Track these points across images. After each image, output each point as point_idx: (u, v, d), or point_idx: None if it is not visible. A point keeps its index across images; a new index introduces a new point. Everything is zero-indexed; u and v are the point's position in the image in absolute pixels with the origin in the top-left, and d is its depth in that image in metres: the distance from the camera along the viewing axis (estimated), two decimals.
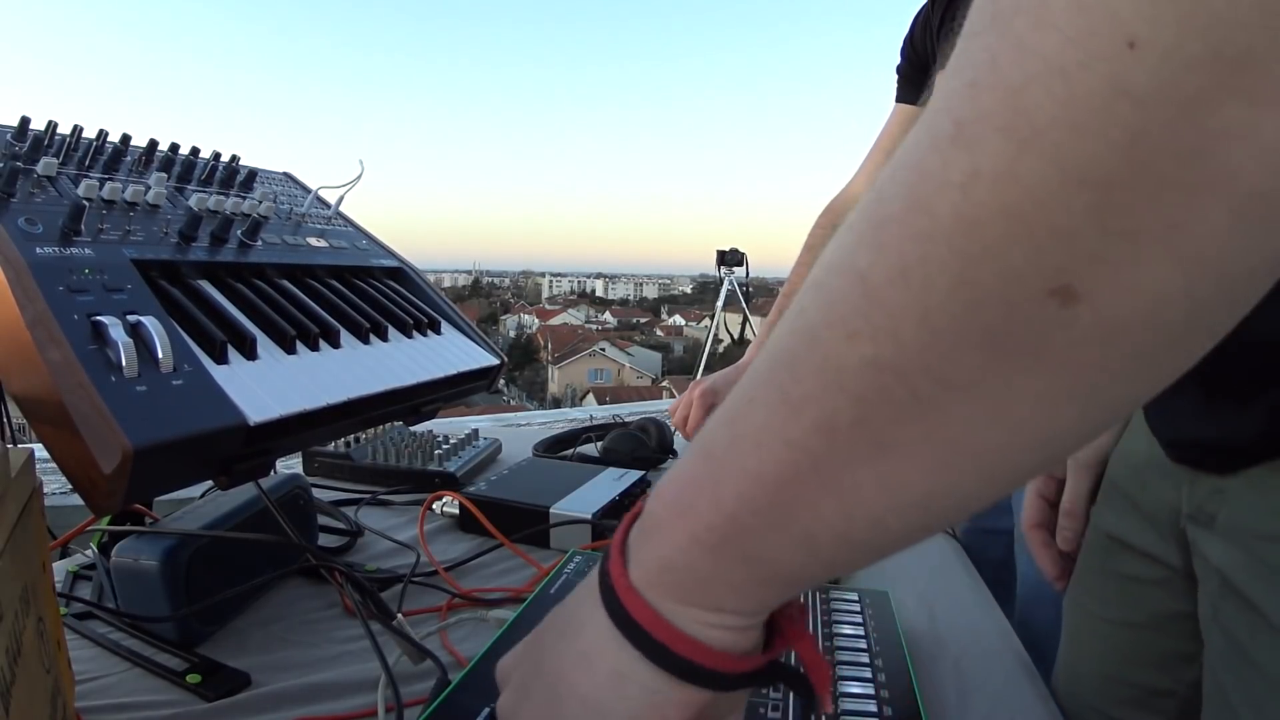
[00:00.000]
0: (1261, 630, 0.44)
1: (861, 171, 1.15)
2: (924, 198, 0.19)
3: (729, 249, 4.67)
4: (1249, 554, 0.46)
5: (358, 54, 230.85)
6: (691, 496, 0.25)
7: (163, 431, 0.37)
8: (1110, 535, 0.60)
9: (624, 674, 0.26)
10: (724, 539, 0.24)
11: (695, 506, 0.24)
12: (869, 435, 0.21)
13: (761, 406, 0.23)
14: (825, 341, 0.21)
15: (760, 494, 0.23)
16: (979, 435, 0.20)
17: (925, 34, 1.06)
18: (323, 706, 0.51)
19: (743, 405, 0.24)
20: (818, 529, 0.23)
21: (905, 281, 0.19)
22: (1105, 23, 0.16)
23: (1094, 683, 0.62)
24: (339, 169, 4.05)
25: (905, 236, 0.19)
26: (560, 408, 18.51)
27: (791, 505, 0.22)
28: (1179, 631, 0.55)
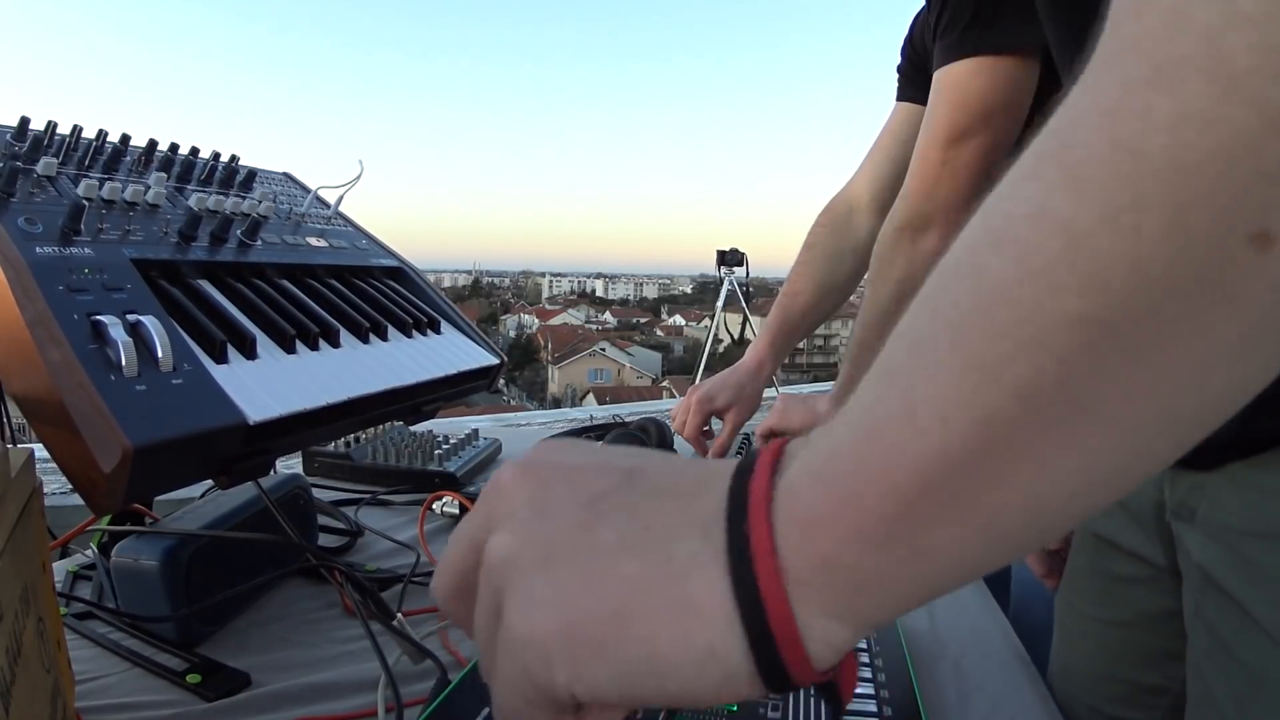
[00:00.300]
0: (1243, 625, 0.44)
1: (862, 171, 1.13)
2: (1129, 139, 0.18)
3: (729, 249, 4.68)
4: (1228, 549, 0.46)
5: (358, 54, 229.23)
6: (860, 485, 0.21)
7: (162, 431, 0.37)
8: (1098, 535, 0.60)
9: (718, 656, 0.22)
10: (894, 533, 0.21)
11: (864, 496, 0.21)
12: (1072, 397, 0.19)
13: (944, 373, 0.20)
14: (1024, 297, 0.19)
15: (943, 475, 0.20)
16: (1176, 389, 0.19)
17: (925, 33, 1.06)
18: (323, 706, 0.51)
19: (917, 373, 0.21)
20: (1003, 515, 0.20)
21: (1115, 227, 0.18)
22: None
23: (1086, 681, 0.62)
24: (339, 169, 4.05)
25: (1113, 181, 0.18)
26: (560, 408, 18.51)
27: (979, 489, 0.20)
28: (1168, 630, 0.55)
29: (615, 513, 0.24)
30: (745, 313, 4.77)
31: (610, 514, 0.24)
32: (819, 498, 0.22)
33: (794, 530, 0.22)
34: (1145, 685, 0.58)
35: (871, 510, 0.21)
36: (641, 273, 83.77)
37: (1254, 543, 0.44)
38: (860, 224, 1.11)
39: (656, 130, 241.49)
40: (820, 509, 0.22)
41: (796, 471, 0.23)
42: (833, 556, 0.22)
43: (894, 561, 0.21)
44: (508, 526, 0.25)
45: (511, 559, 0.24)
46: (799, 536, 0.22)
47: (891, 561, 0.21)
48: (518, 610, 0.23)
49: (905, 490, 0.21)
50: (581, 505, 0.24)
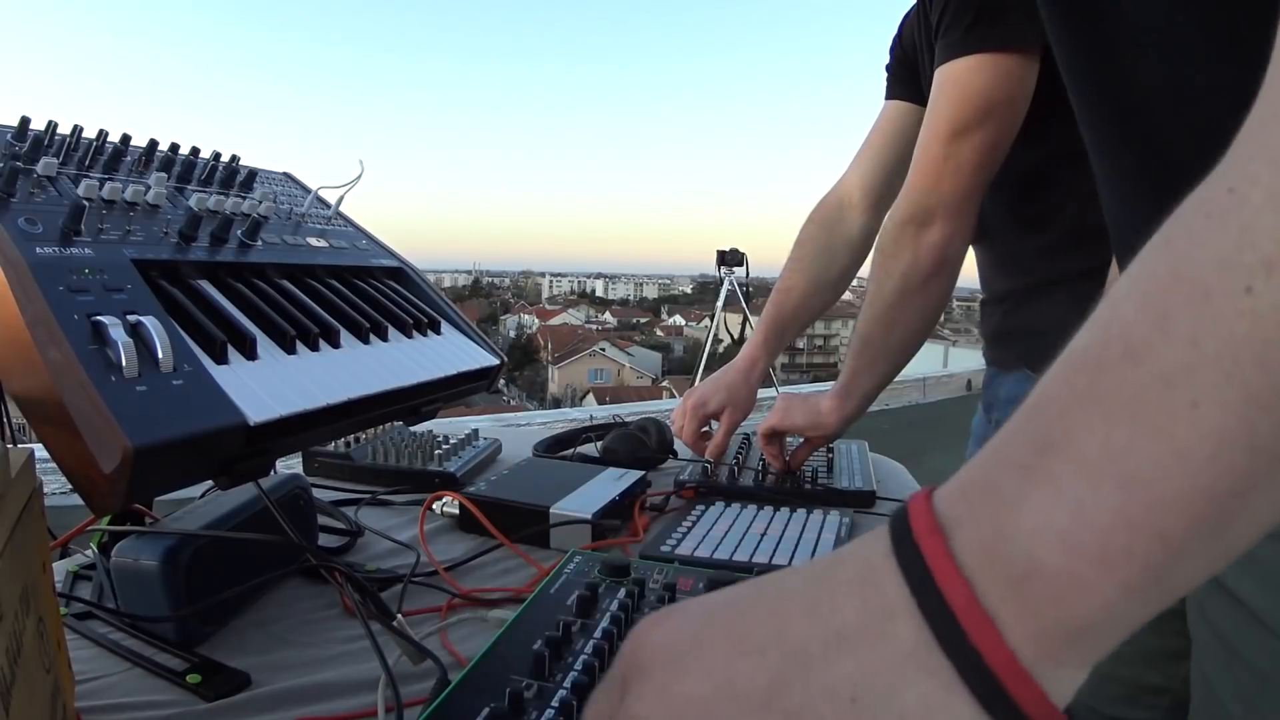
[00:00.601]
0: (1249, 626, 0.44)
1: (852, 168, 1.14)
2: None
3: (729, 249, 4.68)
4: None
5: (358, 54, 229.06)
6: (1126, 540, 0.20)
7: (163, 431, 0.37)
8: None
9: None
10: (1161, 579, 0.20)
11: (1134, 553, 0.20)
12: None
13: (1215, 408, 0.19)
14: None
15: (1211, 514, 0.19)
16: None
17: (915, 33, 1.05)
18: (323, 706, 0.51)
19: (1175, 410, 0.19)
20: (1239, 540, 0.20)
21: None
22: None
23: (1085, 681, 0.62)
24: (339, 169, 4.05)
25: None
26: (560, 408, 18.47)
27: (1231, 520, 0.20)
28: (1167, 630, 0.55)
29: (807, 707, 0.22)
30: (745, 313, 4.78)
31: (803, 703, 0.22)
32: (1079, 565, 0.20)
33: (1039, 614, 0.21)
34: (1146, 685, 0.58)
35: (1143, 564, 0.20)
36: (641, 273, 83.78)
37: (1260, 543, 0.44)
38: (852, 220, 1.12)
39: (657, 130, 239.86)
40: (1083, 578, 0.20)
41: (1019, 548, 0.21)
42: (1097, 620, 0.20)
43: (1145, 607, 0.21)
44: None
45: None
46: (1048, 617, 0.20)
47: (1143, 607, 0.21)
48: None
49: (1174, 538, 0.20)
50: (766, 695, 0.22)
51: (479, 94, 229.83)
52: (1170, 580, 0.20)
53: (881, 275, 0.88)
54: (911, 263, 0.84)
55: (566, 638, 0.48)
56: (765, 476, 0.97)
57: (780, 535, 0.75)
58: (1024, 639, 0.20)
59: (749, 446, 1.09)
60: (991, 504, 0.21)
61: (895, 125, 1.09)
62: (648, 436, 1.08)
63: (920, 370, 6.43)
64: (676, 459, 1.08)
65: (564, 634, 0.47)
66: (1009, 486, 0.21)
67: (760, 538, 0.74)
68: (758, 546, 0.72)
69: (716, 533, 0.76)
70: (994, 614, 0.21)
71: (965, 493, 0.22)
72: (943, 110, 0.81)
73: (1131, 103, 0.41)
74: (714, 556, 0.70)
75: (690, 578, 0.58)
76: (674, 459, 1.08)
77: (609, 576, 0.57)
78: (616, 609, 0.51)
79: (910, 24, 1.08)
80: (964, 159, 0.80)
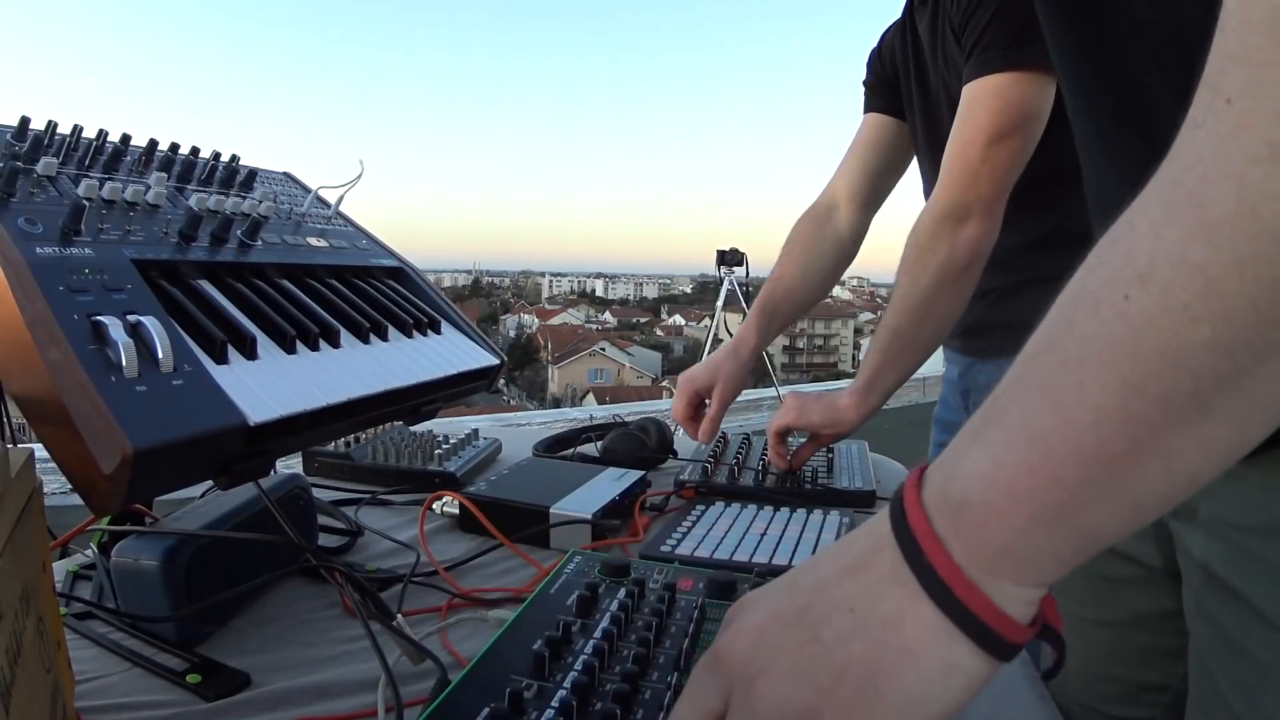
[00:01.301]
0: (1249, 620, 0.45)
1: (839, 175, 1.20)
2: (1251, 205, 0.23)
3: (729, 249, 4.67)
4: (1231, 545, 0.46)
5: (358, 53, 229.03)
6: (1029, 481, 0.26)
7: (163, 432, 0.37)
8: None
9: (954, 664, 0.28)
10: (1063, 516, 0.26)
11: (1035, 490, 0.26)
12: (1198, 404, 0.24)
13: (1096, 388, 0.25)
14: (1167, 326, 0.24)
15: (1100, 469, 0.25)
16: (1272, 392, 0.24)
17: (895, 54, 1.13)
18: (323, 706, 0.51)
19: (1069, 388, 0.26)
20: (1145, 492, 0.26)
21: (1239, 273, 0.23)
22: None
23: (1081, 680, 0.62)
24: (339, 169, 4.05)
25: (1237, 236, 0.23)
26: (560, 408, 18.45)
27: (1126, 475, 0.25)
28: (1162, 628, 0.56)
29: (823, 616, 0.30)
30: (745, 312, 4.77)
31: (820, 619, 0.30)
32: (994, 498, 0.27)
33: (966, 531, 0.28)
34: (1144, 684, 0.59)
35: (1042, 499, 0.26)
36: (641, 273, 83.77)
37: (1258, 539, 0.45)
38: (841, 217, 1.20)
39: (657, 130, 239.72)
40: (997, 507, 0.27)
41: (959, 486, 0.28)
42: (1012, 541, 0.27)
43: (1060, 538, 0.27)
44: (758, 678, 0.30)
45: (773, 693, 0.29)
46: (976, 538, 0.28)
47: (1058, 538, 0.27)
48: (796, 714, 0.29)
49: (1068, 482, 0.26)
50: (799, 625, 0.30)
51: (479, 93, 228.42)
52: (1077, 518, 0.26)
53: (917, 269, 0.91)
54: (949, 256, 0.89)
55: (566, 638, 0.47)
56: (765, 476, 0.97)
57: (780, 535, 0.75)
58: (964, 556, 0.28)
59: (749, 446, 1.09)
60: (950, 461, 0.29)
61: (876, 135, 1.18)
62: (648, 436, 1.08)
63: (920, 370, 6.39)
64: (676, 459, 1.08)
65: (564, 634, 0.47)
66: (962, 447, 0.29)
67: (760, 538, 0.74)
68: (758, 546, 0.72)
69: (716, 533, 0.76)
70: (943, 538, 0.28)
71: (941, 457, 0.30)
72: (982, 118, 0.89)
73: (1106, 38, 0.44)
74: (714, 556, 0.70)
75: (690, 578, 0.58)
76: (674, 459, 1.08)
77: (609, 576, 0.57)
78: (616, 609, 0.51)
79: (890, 44, 1.15)
80: (999, 162, 0.88)
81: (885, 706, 0.28)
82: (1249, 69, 0.23)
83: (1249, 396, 0.24)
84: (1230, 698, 0.46)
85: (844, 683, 0.28)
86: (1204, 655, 0.49)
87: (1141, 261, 0.25)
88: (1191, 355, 0.24)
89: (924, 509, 0.29)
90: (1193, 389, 0.24)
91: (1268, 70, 0.23)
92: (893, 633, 0.28)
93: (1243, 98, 0.23)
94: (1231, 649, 0.46)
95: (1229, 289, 0.23)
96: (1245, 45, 0.24)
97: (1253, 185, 0.23)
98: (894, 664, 0.28)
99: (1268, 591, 0.44)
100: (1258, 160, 0.23)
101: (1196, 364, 0.24)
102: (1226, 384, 0.24)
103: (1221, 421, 0.25)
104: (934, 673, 0.28)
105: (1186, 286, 0.24)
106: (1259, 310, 0.23)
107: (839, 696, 0.28)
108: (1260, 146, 0.23)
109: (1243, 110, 0.23)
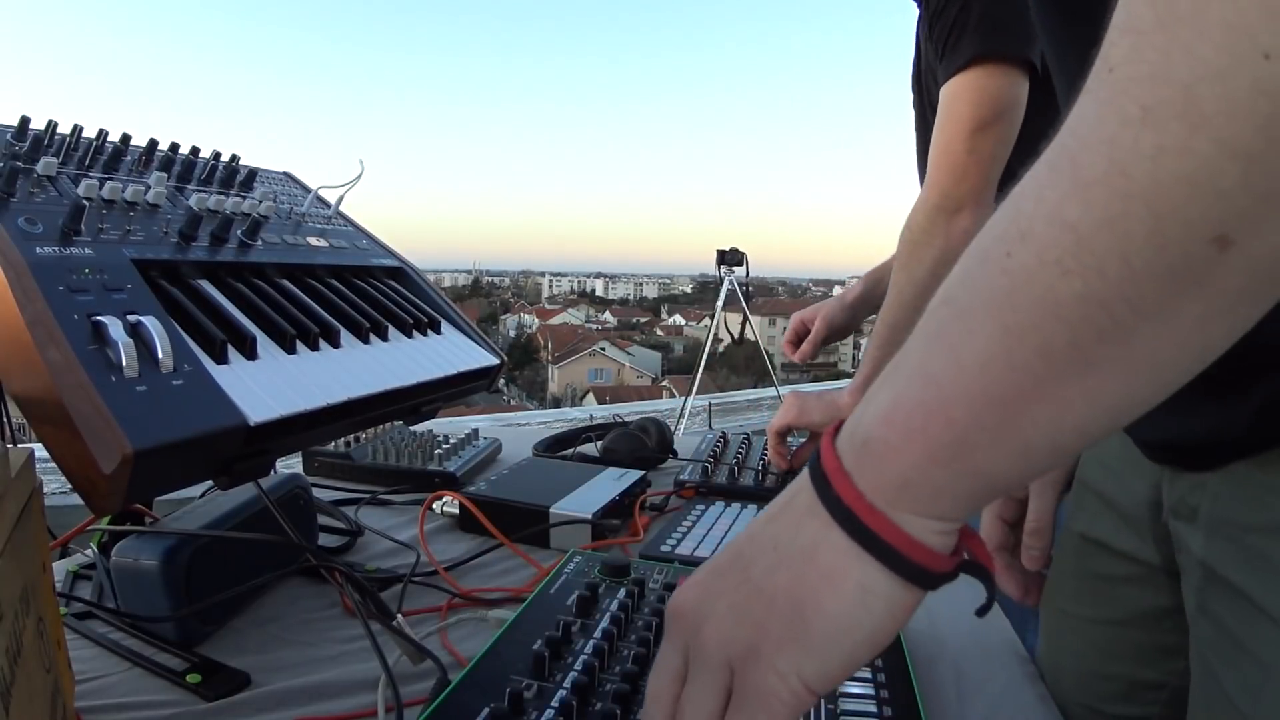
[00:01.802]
0: (1252, 617, 0.45)
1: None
2: (1122, 165, 0.24)
3: (729, 249, 4.67)
4: (1234, 544, 0.46)
5: (358, 53, 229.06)
6: (922, 420, 0.28)
7: (163, 432, 0.37)
8: (1085, 536, 0.60)
9: (868, 587, 0.30)
10: (956, 455, 0.28)
11: (928, 429, 0.28)
12: (1079, 355, 0.26)
13: (982, 336, 0.27)
14: (1042, 279, 0.25)
15: (988, 412, 0.27)
16: (1157, 349, 0.25)
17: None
18: (323, 706, 0.51)
19: (960, 335, 0.28)
20: (1034, 439, 0.27)
21: (1110, 230, 0.24)
22: (1248, 41, 0.22)
23: (1077, 679, 0.62)
24: (339, 169, 4.05)
25: (1109, 195, 0.24)
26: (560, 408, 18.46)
27: (1014, 420, 0.27)
28: (1159, 626, 0.56)
29: (752, 558, 0.33)
30: (745, 312, 4.77)
31: (749, 561, 0.33)
32: (887, 434, 0.29)
33: (869, 464, 0.30)
34: (1142, 681, 0.59)
35: (934, 438, 0.28)
36: (641, 272, 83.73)
37: (1261, 536, 0.45)
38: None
39: (657, 129, 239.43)
40: (890, 441, 0.29)
41: (864, 426, 0.30)
42: (909, 475, 0.29)
43: (955, 476, 0.29)
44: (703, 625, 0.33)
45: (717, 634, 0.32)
46: (874, 467, 0.30)
47: (953, 476, 0.29)
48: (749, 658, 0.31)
49: (960, 423, 0.28)
50: (732, 570, 0.33)
51: (479, 93, 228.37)
52: (970, 458, 0.28)
53: (913, 263, 0.93)
54: (944, 248, 0.91)
55: (566, 638, 0.48)
56: (765, 476, 0.97)
57: None
58: (869, 488, 0.30)
59: (749, 446, 1.09)
60: (860, 407, 0.31)
61: None
62: (648, 436, 1.08)
63: None
64: (676, 459, 1.08)
65: (564, 634, 0.47)
66: (872, 392, 0.31)
67: None
68: None
69: (716, 533, 0.76)
70: (850, 472, 0.30)
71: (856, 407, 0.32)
72: (963, 110, 0.91)
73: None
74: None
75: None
76: (674, 459, 1.08)
77: (609, 576, 0.57)
78: (616, 609, 0.51)
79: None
80: (985, 152, 0.90)
81: (813, 633, 0.30)
82: (1130, 37, 0.24)
83: (1134, 352, 0.25)
84: (1233, 695, 0.46)
85: (774, 614, 0.31)
86: (1205, 653, 0.49)
87: (1024, 221, 0.26)
88: (1065, 306, 0.25)
89: (835, 450, 0.31)
90: (1070, 339, 0.25)
91: (1144, 38, 0.24)
92: (810, 562, 0.31)
93: (1123, 64, 0.24)
94: (1234, 646, 0.46)
95: (1099, 245, 0.24)
96: (1130, 15, 0.24)
97: (1123, 146, 0.24)
98: (814, 590, 0.30)
99: (1271, 589, 0.44)
100: (1129, 122, 0.24)
101: (1071, 315, 0.25)
102: (1108, 338, 0.25)
103: (1107, 375, 0.26)
104: (851, 595, 0.30)
105: (1059, 242, 0.25)
106: (1131, 265, 0.24)
107: (772, 628, 0.31)
108: (1133, 109, 0.24)
109: (1120, 77, 0.24)
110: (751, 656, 0.31)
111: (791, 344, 1.23)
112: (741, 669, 0.31)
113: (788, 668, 0.30)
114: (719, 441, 1.10)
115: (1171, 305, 0.24)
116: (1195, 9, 0.23)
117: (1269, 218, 0.23)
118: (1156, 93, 0.23)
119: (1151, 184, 0.23)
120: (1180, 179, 0.23)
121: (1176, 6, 0.23)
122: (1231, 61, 0.22)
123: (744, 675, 0.31)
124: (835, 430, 0.32)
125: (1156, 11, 0.24)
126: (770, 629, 0.31)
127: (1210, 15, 0.22)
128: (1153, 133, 0.23)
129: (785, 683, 0.30)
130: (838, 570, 0.30)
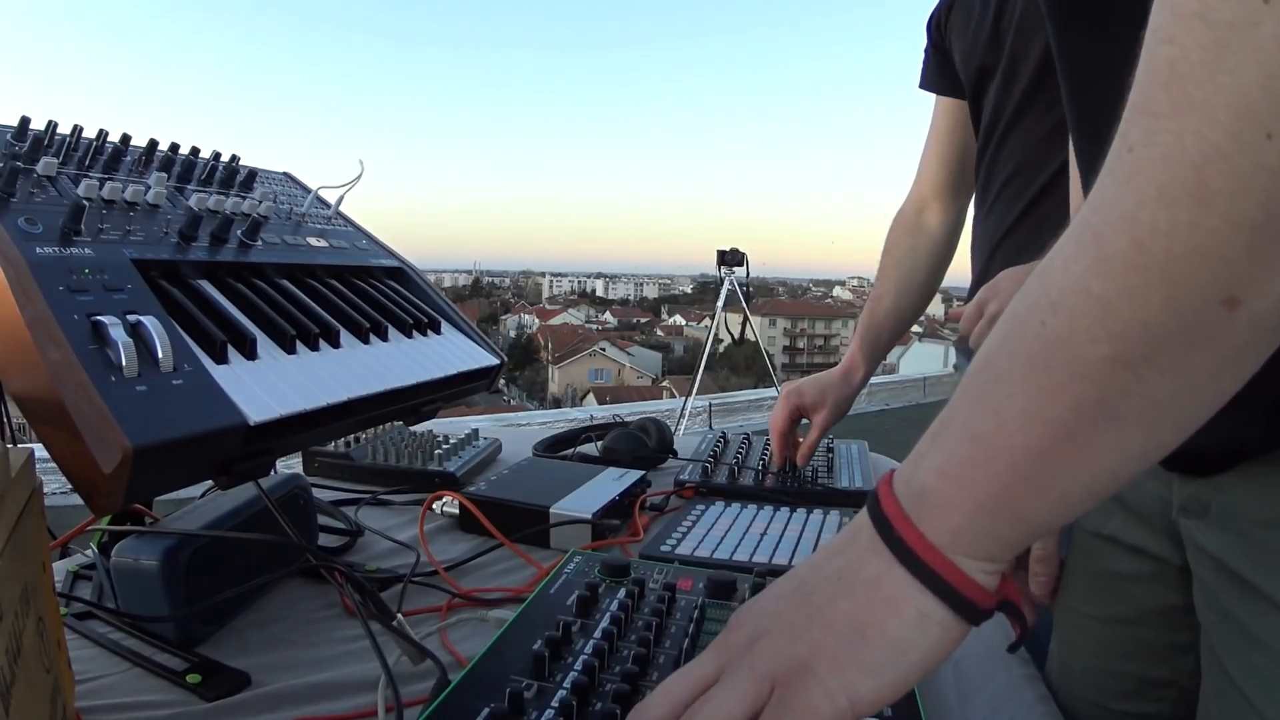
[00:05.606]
0: (1264, 611, 0.46)
1: (921, 173, 1.18)
2: (1141, 241, 0.27)
3: (729, 249, 4.68)
4: (1245, 539, 0.47)
5: (358, 53, 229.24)
6: (970, 474, 0.32)
7: (163, 431, 0.37)
8: (1098, 534, 0.61)
9: (927, 615, 0.33)
10: (1001, 505, 0.31)
11: (976, 481, 0.31)
12: (1107, 410, 0.28)
13: (1021, 397, 0.30)
14: (1072, 345, 0.28)
15: (1029, 465, 0.30)
16: (1175, 401, 0.28)
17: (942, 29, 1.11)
18: (323, 706, 0.51)
19: (1001, 398, 0.31)
20: (1071, 487, 0.30)
21: (1131, 299, 0.27)
22: (1251, 122, 0.24)
23: (1088, 677, 0.63)
24: (339, 169, 4.04)
25: (1130, 269, 0.27)
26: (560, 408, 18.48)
27: (1053, 471, 0.30)
28: (1171, 624, 0.57)
29: (816, 586, 0.35)
30: (745, 312, 4.77)
31: (813, 589, 0.35)
32: (946, 487, 0.33)
33: (925, 511, 0.33)
34: (1152, 679, 0.59)
35: (984, 489, 0.31)
36: (641, 273, 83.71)
37: (1273, 531, 0.46)
38: (931, 216, 1.16)
39: (657, 129, 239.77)
40: (947, 494, 0.32)
41: (919, 479, 0.34)
42: (961, 523, 0.32)
43: (1002, 523, 0.32)
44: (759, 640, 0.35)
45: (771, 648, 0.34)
46: (930, 514, 0.33)
47: (1000, 523, 0.32)
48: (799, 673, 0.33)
49: (1003, 476, 0.31)
50: (795, 594, 0.36)
51: (480, 92, 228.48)
52: (1014, 507, 0.31)
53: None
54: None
55: (566, 638, 0.48)
56: (765, 476, 0.97)
57: (780, 535, 0.75)
58: (928, 530, 0.33)
59: (749, 446, 1.09)
60: (914, 460, 0.34)
61: (947, 122, 1.15)
62: (648, 436, 1.08)
63: (921, 370, 6.43)
64: (676, 459, 1.08)
65: (564, 634, 0.47)
66: (923, 447, 0.34)
67: (760, 538, 0.74)
68: (757, 546, 0.72)
69: (716, 532, 0.76)
70: (910, 516, 0.34)
71: (907, 459, 0.35)
72: None
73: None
74: (714, 556, 0.70)
75: (690, 578, 0.58)
76: (674, 459, 1.08)
77: (609, 576, 0.57)
78: (616, 609, 0.51)
79: (941, 17, 1.11)
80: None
81: (872, 650, 0.33)
82: (1146, 119, 0.27)
83: (1156, 406, 0.28)
84: (1245, 688, 0.47)
85: (833, 634, 0.33)
86: (1216, 648, 0.50)
87: (1054, 292, 0.29)
88: (1094, 368, 0.28)
89: (894, 496, 0.34)
90: (1098, 397, 0.28)
91: (1160, 120, 0.26)
92: (874, 590, 0.33)
93: (1140, 146, 0.27)
94: (1246, 640, 0.47)
95: (1123, 313, 0.27)
96: (1146, 98, 0.27)
97: (1141, 224, 0.26)
98: (878, 613, 0.33)
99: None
100: (1146, 202, 0.26)
101: (1099, 375, 0.28)
102: (1132, 394, 0.28)
103: (1133, 427, 0.29)
104: (912, 619, 0.33)
105: (1087, 312, 0.28)
106: (1150, 329, 0.27)
107: (829, 646, 0.33)
108: (1150, 189, 0.26)
109: (1138, 158, 0.27)
110: (801, 672, 0.33)
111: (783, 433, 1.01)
112: (788, 683, 0.33)
113: (838, 686, 0.32)
114: (719, 441, 1.10)
115: (1188, 362, 0.27)
116: (1206, 96, 0.25)
117: (1272, 278, 0.26)
118: (1171, 173, 0.26)
119: (1167, 257, 0.26)
120: (1193, 250, 0.26)
121: (1190, 94, 0.25)
122: (1238, 144, 0.24)
123: (789, 690, 0.33)
124: (889, 479, 0.35)
125: (1171, 96, 0.26)
126: (827, 648, 0.33)
127: (1219, 101, 0.25)
128: (1168, 210, 0.26)
129: (832, 700, 0.32)
130: (900, 598, 0.33)
